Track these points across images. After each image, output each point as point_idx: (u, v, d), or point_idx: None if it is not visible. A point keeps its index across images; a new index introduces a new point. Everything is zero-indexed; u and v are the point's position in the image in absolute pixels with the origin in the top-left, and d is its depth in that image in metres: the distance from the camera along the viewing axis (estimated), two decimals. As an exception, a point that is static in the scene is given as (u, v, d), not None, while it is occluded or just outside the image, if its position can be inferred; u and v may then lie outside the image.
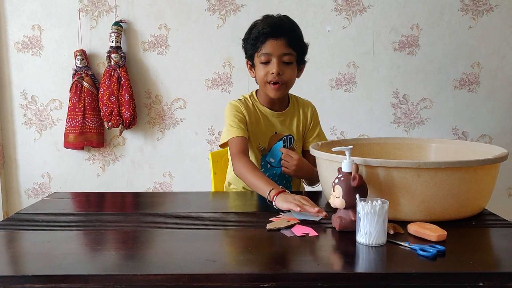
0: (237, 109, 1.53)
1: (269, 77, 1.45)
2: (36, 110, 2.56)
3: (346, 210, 1.06)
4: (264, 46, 1.43)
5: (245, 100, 1.57)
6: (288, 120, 1.58)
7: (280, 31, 1.42)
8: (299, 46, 1.48)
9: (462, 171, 1.09)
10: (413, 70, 2.49)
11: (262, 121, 1.55)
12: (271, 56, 1.43)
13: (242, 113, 1.53)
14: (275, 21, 1.45)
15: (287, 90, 1.52)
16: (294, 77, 1.50)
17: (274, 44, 1.42)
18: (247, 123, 1.53)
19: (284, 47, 1.43)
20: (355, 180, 1.04)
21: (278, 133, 1.57)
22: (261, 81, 1.49)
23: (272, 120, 1.56)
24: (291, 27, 1.46)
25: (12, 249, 1.00)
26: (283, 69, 1.45)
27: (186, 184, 2.59)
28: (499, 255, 0.97)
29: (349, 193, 1.05)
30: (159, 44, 2.50)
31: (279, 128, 1.57)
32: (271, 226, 1.10)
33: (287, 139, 1.58)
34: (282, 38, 1.42)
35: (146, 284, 0.82)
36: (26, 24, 2.49)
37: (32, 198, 2.61)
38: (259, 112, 1.56)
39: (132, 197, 1.49)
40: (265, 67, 1.45)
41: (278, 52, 1.43)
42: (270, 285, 0.82)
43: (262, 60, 1.45)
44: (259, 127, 1.55)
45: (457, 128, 2.54)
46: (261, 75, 1.47)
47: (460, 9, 2.44)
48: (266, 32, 1.42)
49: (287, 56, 1.44)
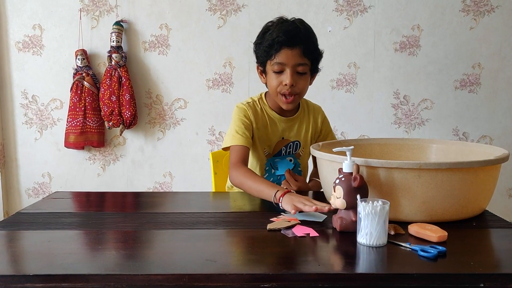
0: (245, 113, 1.49)
1: (282, 88, 1.40)
2: (36, 110, 2.56)
3: (347, 210, 1.06)
4: (278, 55, 1.36)
5: (254, 104, 1.53)
6: (297, 126, 1.55)
7: (296, 40, 1.35)
8: (314, 55, 1.41)
9: (463, 172, 1.09)
10: (414, 71, 2.49)
11: (269, 126, 1.52)
12: (285, 66, 1.37)
13: (249, 118, 1.49)
14: (291, 28, 1.36)
15: (299, 100, 1.48)
16: (306, 87, 1.45)
17: (289, 54, 1.35)
18: (254, 128, 1.50)
19: (298, 57, 1.36)
20: (356, 180, 1.04)
21: (285, 139, 1.54)
22: (273, 91, 1.43)
23: (280, 126, 1.53)
24: (307, 34, 1.38)
25: (13, 249, 1.00)
26: (297, 80, 1.39)
27: (187, 184, 2.58)
28: (499, 256, 0.97)
29: (349, 193, 1.04)
30: (160, 44, 2.50)
31: (287, 134, 1.54)
32: (272, 226, 1.10)
33: (293, 145, 1.55)
34: (297, 47, 1.35)
35: (147, 284, 0.82)
36: (27, 23, 2.49)
37: (32, 198, 2.61)
38: (267, 117, 1.52)
39: (133, 197, 1.49)
40: (277, 76, 1.39)
41: (292, 62, 1.36)
42: (271, 285, 0.82)
43: (275, 69, 1.39)
44: (266, 132, 1.52)
45: (457, 129, 2.54)
46: (273, 85, 1.41)
47: (461, 10, 2.43)
48: (281, 41, 1.35)
49: (301, 67, 1.38)
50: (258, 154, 1.54)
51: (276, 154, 1.56)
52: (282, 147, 1.55)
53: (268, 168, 1.57)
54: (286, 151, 1.56)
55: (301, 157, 1.58)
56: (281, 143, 1.54)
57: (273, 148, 1.55)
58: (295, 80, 1.38)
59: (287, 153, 1.56)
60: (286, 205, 1.18)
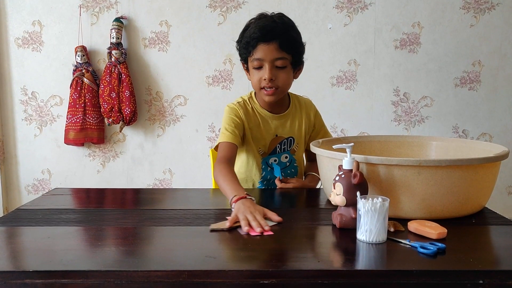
0: (236, 113, 1.49)
1: (262, 83, 1.41)
2: (36, 106, 2.55)
3: (347, 207, 1.06)
4: (255, 51, 1.38)
5: (245, 104, 1.53)
6: (289, 122, 1.55)
7: (271, 35, 1.36)
8: (294, 49, 1.41)
9: (463, 169, 1.09)
10: (414, 68, 2.49)
11: (262, 125, 1.52)
12: (263, 61, 1.38)
13: (240, 117, 1.49)
14: (267, 23, 1.38)
15: (282, 94, 1.48)
16: (288, 81, 1.45)
17: (265, 49, 1.37)
18: (246, 128, 1.50)
19: (276, 51, 1.37)
20: (356, 177, 1.04)
21: (278, 136, 1.54)
22: (255, 87, 1.45)
23: (273, 123, 1.53)
24: (284, 29, 1.38)
25: (13, 245, 1.00)
26: (276, 74, 1.39)
27: (186, 181, 2.59)
28: (499, 253, 0.97)
29: (349, 190, 1.05)
30: (160, 40, 2.49)
31: (280, 131, 1.54)
32: (215, 226, 1.07)
33: (287, 141, 1.55)
34: (273, 42, 1.36)
35: (146, 280, 0.82)
36: (26, 19, 2.49)
37: (32, 194, 2.61)
38: (259, 116, 1.52)
39: (132, 193, 1.49)
40: (258, 72, 1.41)
41: (270, 57, 1.37)
42: (271, 282, 0.83)
43: (255, 65, 1.40)
44: (259, 131, 1.52)
45: (457, 126, 2.54)
46: (255, 81, 1.43)
47: (462, 7, 2.43)
48: (256, 37, 1.36)
49: (279, 61, 1.38)
50: (253, 154, 1.54)
51: (271, 152, 1.55)
52: (276, 145, 1.54)
53: (264, 166, 1.56)
54: (281, 148, 1.55)
55: (296, 152, 1.58)
56: (275, 141, 1.54)
57: (268, 147, 1.54)
58: (274, 74, 1.39)
59: (282, 150, 1.55)
60: (233, 213, 1.11)
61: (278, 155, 1.55)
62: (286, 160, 1.56)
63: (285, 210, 1.27)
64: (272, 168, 1.56)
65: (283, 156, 1.56)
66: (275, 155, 1.55)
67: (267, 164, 1.56)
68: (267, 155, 1.55)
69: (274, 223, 1.11)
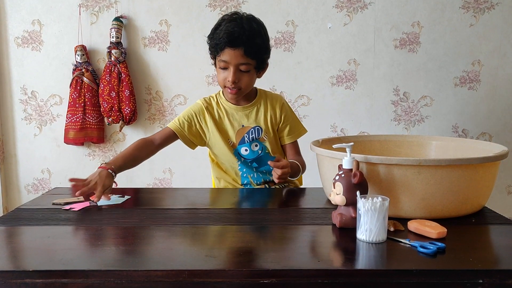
0: (197, 108, 1.61)
1: (227, 83, 1.49)
2: (36, 106, 2.55)
3: (347, 207, 1.06)
4: (222, 53, 1.46)
5: (210, 99, 1.63)
6: (254, 113, 1.60)
7: (238, 42, 1.43)
8: (258, 55, 1.48)
9: (463, 169, 1.09)
10: (414, 68, 2.49)
11: (226, 117, 1.60)
12: (228, 64, 1.46)
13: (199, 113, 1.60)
14: (235, 29, 1.43)
15: (244, 93, 1.55)
16: (251, 82, 1.53)
17: (231, 54, 1.45)
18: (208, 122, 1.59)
19: (241, 57, 1.44)
20: (356, 177, 1.04)
21: (245, 126, 1.60)
22: (220, 84, 1.54)
23: (238, 115, 1.60)
24: (250, 36, 1.44)
25: (13, 244, 1.00)
26: (240, 76, 1.48)
27: (186, 181, 2.59)
28: (498, 253, 0.97)
29: (349, 190, 1.05)
30: (160, 40, 2.49)
31: (245, 121, 1.60)
32: (57, 201, 1.30)
33: (254, 130, 1.60)
34: (239, 48, 1.43)
35: (146, 279, 0.83)
36: (26, 19, 2.48)
37: (32, 194, 2.61)
38: (224, 109, 1.60)
39: (132, 193, 1.49)
40: (223, 72, 1.50)
41: (235, 61, 1.45)
42: (271, 281, 0.83)
43: (221, 66, 1.49)
44: (224, 123, 1.60)
45: (457, 125, 2.54)
46: (220, 79, 1.52)
47: (461, 7, 2.43)
48: (224, 42, 1.44)
49: (244, 66, 1.46)
50: (225, 146, 1.59)
51: (240, 142, 1.60)
52: (244, 135, 1.59)
53: (238, 157, 1.61)
54: (249, 137, 1.59)
55: (265, 141, 1.61)
56: (242, 131, 1.60)
57: (235, 137, 1.60)
58: (238, 77, 1.48)
59: (250, 140, 1.60)
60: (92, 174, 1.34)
61: (248, 144, 1.60)
62: (257, 148, 1.61)
63: (284, 210, 1.27)
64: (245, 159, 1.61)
65: (253, 145, 1.61)
66: (245, 144, 1.60)
67: (239, 154, 1.61)
68: (237, 146, 1.60)
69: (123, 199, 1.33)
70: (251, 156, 1.60)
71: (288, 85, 2.49)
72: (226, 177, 1.66)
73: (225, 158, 1.62)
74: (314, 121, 2.51)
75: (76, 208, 1.26)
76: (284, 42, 2.47)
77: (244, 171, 1.62)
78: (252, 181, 1.62)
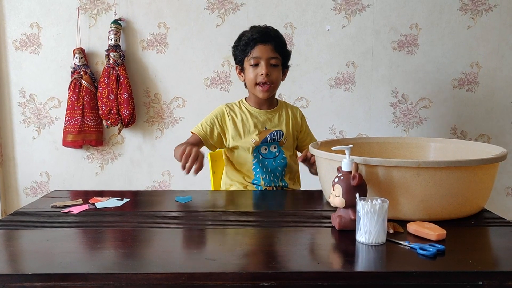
0: (220, 112, 1.71)
1: (259, 78, 1.60)
2: (34, 109, 2.55)
3: (346, 209, 1.06)
4: (253, 50, 1.60)
5: (233, 104, 1.73)
6: (277, 118, 1.71)
7: (267, 37, 1.61)
8: (284, 52, 1.65)
9: (462, 171, 1.09)
10: (412, 70, 2.49)
11: (251, 118, 1.68)
12: (260, 59, 1.60)
13: (222, 117, 1.69)
14: (262, 29, 1.64)
15: (274, 90, 1.67)
16: (279, 79, 1.66)
17: (262, 49, 1.60)
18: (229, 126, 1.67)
19: (271, 51, 1.60)
20: (355, 179, 1.04)
21: (267, 129, 1.68)
22: (251, 83, 1.64)
23: (262, 118, 1.69)
24: (276, 34, 1.64)
25: (12, 248, 1.00)
26: (271, 71, 1.61)
27: (185, 183, 2.58)
28: (498, 254, 0.97)
29: (348, 192, 1.05)
30: (158, 42, 2.49)
31: (268, 124, 1.69)
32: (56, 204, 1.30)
33: (276, 133, 1.68)
34: (269, 43, 1.60)
35: (146, 282, 0.82)
36: (24, 22, 2.48)
37: (30, 197, 2.61)
38: (247, 111, 1.70)
39: (131, 195, 1.48)
40: (254, 69, 1.61)
41: (266, 55, 1.60)
42: (270, 284, 0.82)
43: (251, 63, 1.61)
44: (249, 123, 1.67)
45: (455, 127, 2.54)
46: (251, 77, 1.62)
47: (459, 9, 2.44)
48: (255, 38, 1.60)
49: (274, 60, 1.61)
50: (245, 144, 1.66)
51: (262, 141, 1.67)
52: (267, 135, 1.67)
53: (256, 154, 1.67)
54: (271, 138, 1.68)
55: (284, 145, 1.70)
56: (265, 132, 1.68)
57: (259, 137, 1.67)
58: (270, 70, 1.60)
59: (272, 141, 1.68)
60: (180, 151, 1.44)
61: (268, 144, 1.68)
62: (275, 150, 1.70)
63: (284, 212, 1.27)
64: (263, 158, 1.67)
65: (272, 146, 1.69)
66: (266, 144, 1.68)
67: (258, 152, 1.67)
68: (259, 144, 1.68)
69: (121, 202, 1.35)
70: (269, 156, 1.67)
71: (286, 87, 2.49)
72: (238, 176, 1.70)
73: (242, 156, 1.68)
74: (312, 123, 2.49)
75: (75, 211, 1.25)
76: (283, 44, 2.47)
77: (257, 171, 1.67)
78: (262, 182, 1.66)
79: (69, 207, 1.29)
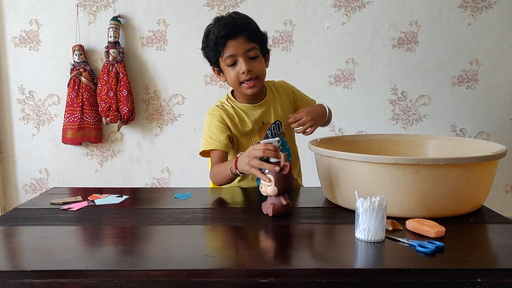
0: (218, 118, 1.53)
1: (241, 77, 1.43)
2: (33, 105, 2.55)
3: (277, 196, 1.13)
4: (226, 49, 1.41)
5: (223, 105, 1.56)
6: (272, 108, 1.57)
7: (237, 29, 1.39)
8: (259, 38, 1.46)
9: (461, 168, 1.09)
10: (412, 67, 2.49)
11: (246, 119, 1.55)
12: (236, 56, 1.41)
13: (223, 120, 1.52)
14: (228, 21, 1.41)
15: (262, 83, 1.50)
16: (264, 69, 1.48)
17: (235, 44, 1.40)
18: (231, 128, 1.53)
19: (246, 43, 1.41)
20: (286, 167, 1.12)
21: (265, 123, 1.57)
22: (234, 83, 1.47)
23: (256, 113, 1.55)
24: (245, 21, 1.43)
25: (11, 244, 1.00)
26: (252, 64, 1.43)
27: (184, 180, 2.58)
28: (497, 252, 0.98)
29: (279, 180, 1.12)
30: (158, 39, 2.49)
31: (265, 118, 1.57)
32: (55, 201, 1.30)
33: (275, 125, 1.58)
34: (241, 35, 1.40)
35: (145, 279, 0.82)
36: (23, 18, 2.48)
37: (29, 194, 2.61)
38: (241, 111, 1.55)
39: (130, 192, 1.48)
40: (233, 68, 1.44)
41: (241, 50, 1.41)
42: (269, 281, 0.83)
43: (228, 63, 1.43)
44: (246, 125, 1.55)
45: (455, 125, 2.54)
46: (232, 78, 1.45)
47: (459, 6, 2.43)
48: (224, 34, 1.39)
49: (251, 51, 1.42)
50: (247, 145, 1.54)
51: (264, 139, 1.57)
52: (266, 132, 1.57)
53: None
54: (272, 133, 1.58)
55: (285, 135, 1.61)
56: (263, 129, 1.57)
57: (259, 135, 1.58)
58: (250, 65, 1.42)
59: (273, 136, 1.58)
60: (242, 167, 1.25)
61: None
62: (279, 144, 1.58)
63: (283, 209, 1.27)
64: None
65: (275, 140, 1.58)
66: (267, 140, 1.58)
67: None
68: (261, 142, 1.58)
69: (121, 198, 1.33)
70: None
71: (286, 84, 2.48)
72: None
73: None
74: (312, 120, 2.51)
75: (74, 208, 1.25)
76: (282, 41, 2.47)
77: None
78: None
79: (68, 204, 1.29)
